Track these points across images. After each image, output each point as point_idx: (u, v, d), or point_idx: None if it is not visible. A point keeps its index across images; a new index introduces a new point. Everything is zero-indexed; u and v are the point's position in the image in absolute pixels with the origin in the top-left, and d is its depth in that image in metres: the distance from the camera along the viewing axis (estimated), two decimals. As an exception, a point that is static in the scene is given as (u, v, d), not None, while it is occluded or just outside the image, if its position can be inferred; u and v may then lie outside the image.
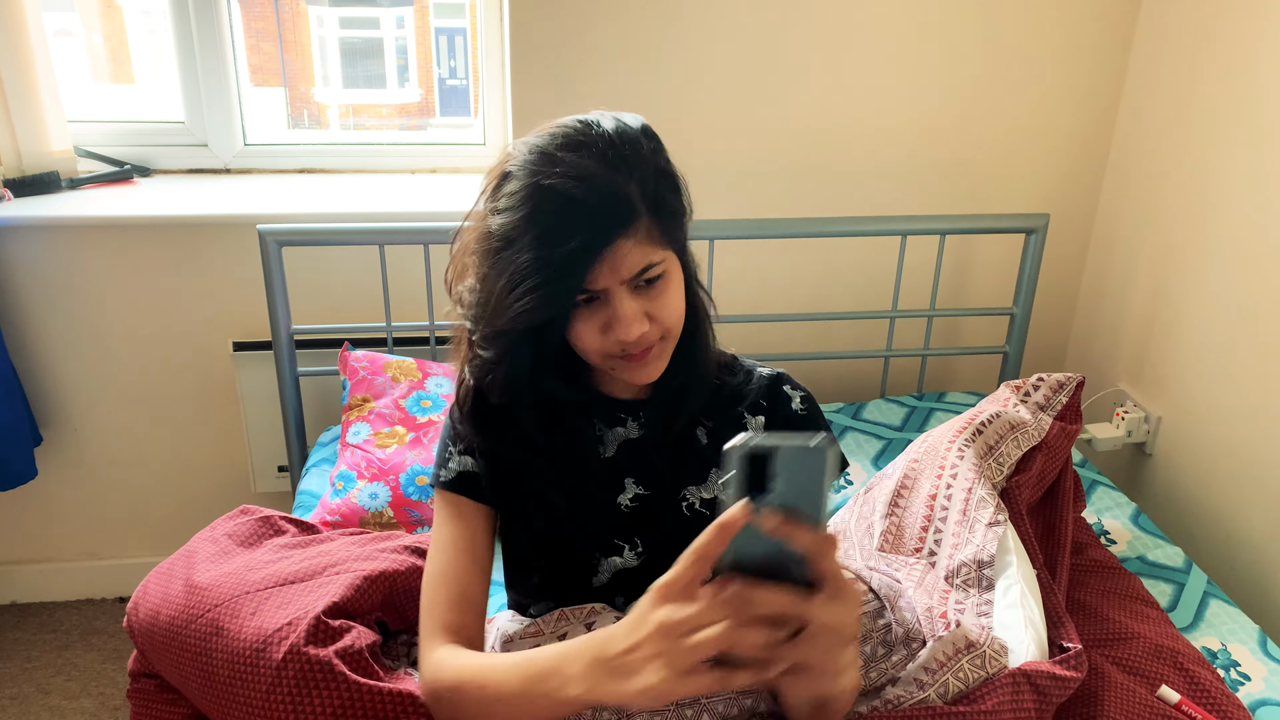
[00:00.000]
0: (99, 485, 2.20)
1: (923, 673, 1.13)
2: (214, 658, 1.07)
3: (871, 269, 2.20)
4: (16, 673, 2.06)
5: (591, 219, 0.90)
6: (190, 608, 1.13)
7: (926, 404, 2.08)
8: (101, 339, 2.07)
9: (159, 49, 2.29)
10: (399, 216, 1.99)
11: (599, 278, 0.93)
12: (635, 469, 1.10)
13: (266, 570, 1.17)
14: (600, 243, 0.91)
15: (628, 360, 1.00)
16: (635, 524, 1.09)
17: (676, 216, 0.98)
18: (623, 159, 0.92)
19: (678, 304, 0.99)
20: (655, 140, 0.97)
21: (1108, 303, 2.22)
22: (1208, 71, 1.89)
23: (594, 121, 0.95)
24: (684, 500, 1.10)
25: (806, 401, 1.17)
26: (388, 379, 1.82)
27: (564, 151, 0.92)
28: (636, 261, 0.93)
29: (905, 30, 2.03)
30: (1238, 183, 1.82)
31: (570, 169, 0.91)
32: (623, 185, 0.91)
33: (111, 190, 2.05)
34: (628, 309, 0.95)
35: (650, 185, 0.94)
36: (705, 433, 1.12)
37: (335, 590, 1.12)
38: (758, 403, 1.14)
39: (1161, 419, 2.04)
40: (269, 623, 1.07)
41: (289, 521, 1.34)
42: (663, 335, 1.00)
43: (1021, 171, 2.19)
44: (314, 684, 1.01)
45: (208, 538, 1.29)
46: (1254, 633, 1.46)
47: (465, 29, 2.35)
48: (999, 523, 1.35)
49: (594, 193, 0.90)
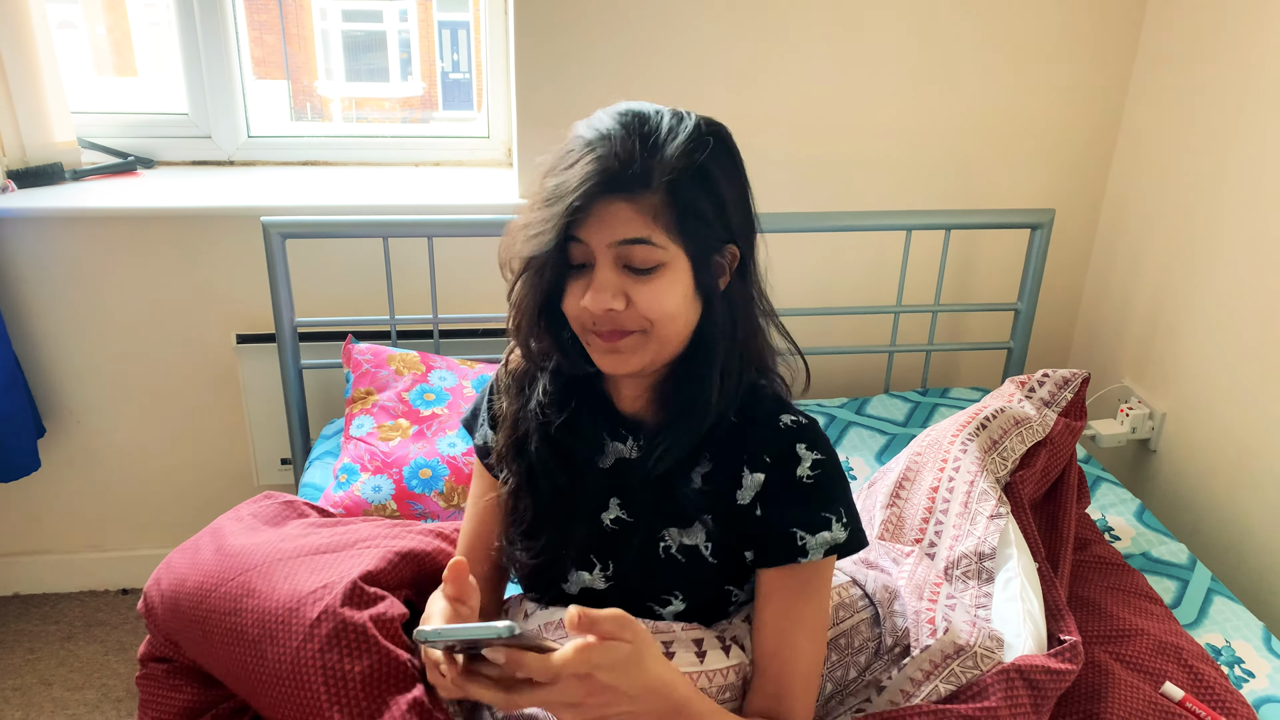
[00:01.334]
0: (102, 477, 2.20)
1: (908, 683, 1.13)
2: (244, 617, 1.07)
3: (876, 264, 2.20)
4: (19, 664, 2.06)
5: (600, 167, 0.91)
6: (222, 571, 1.13)
7: (930, 399, 2.07)
8: (105, 330, 2.07)
9: (161, 41, 2.28)
10: (403, 209, 1.98)
11: (589, 230, 0.93)
12: (622, 491, 1.07)
13: (298, 542, 1.18)
14: (596, 188, 0.91)
15: (599, 338, 0.98)
16: (612, 546, 1.07)
17: (701, 220, 0.95)
18: (663, 136, 0.93)
19: (668, 301, 0.95)
20: (713, 144, 0.96)
21: (1112, 298, 2.22)
22: (1214, 66, 1.88)
23: (659, 109, 0.96)
24: (662, 541, 1.05)
25: (819, 468, 1.02)
26: (391, 372, 1.81)
27: (609, 118, 0.95)
28: (626, 227, 0.92)
29: (911, 24, 2.02)
30: (1244, 178, 1.81)
31: (603, 130, 0.93)
32: (644, 157, 0.92)
33: (115, 182, 2.04)
34: (602, 277, 0.94)
35: (682, 172, 0.92)
36: (701, 475, 1.05)
37: (369, 560, 1.13)
38: (762, 458, 1.03)
39: (1166, 415, 2.04)
40: (304, 585, 1.08)
41: (310, 507, 1.36)
42: (642, 328, 0.96)
43: (1027, 167, 2.18)
44: (346, 645, 1.02)
45: (233, 517, 1.30)
46: (1258, 629, 1.45)
47: (468, 23, 2.34)
48: (1000, 515, 1.35)
49: (612, 148, 0.92)
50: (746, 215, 1.01)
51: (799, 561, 1.00)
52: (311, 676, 1.00)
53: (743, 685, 1.05)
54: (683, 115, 0.96)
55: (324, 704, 0.99)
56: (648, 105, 0.97)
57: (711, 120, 0.98)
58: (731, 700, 1.05)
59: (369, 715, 1.00)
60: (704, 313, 0.99)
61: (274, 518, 1.30)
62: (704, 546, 1.04)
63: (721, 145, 0.97)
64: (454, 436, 1.70)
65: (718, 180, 0.95)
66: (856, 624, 1.18)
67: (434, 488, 1.64)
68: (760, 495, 1.02)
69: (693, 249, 0.95)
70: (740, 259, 1.01)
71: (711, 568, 1.05)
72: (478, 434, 1.17)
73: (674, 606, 1.06)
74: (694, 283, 0.97)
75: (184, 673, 1.16)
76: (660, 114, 0.95)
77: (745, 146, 1.02)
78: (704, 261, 0.97)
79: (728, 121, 1.00)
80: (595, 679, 0.80)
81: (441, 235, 1.87)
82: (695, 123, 0.95)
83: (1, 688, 2.00)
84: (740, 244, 1.00)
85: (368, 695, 1.00)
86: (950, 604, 1.22)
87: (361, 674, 1.01)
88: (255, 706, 1.08)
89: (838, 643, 1.15)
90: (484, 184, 2.14)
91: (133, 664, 2.06)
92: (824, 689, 1.15)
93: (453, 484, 1.64)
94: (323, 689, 1.00)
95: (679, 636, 1.04)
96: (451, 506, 1.64)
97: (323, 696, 1.00)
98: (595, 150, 0.92)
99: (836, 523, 1.01)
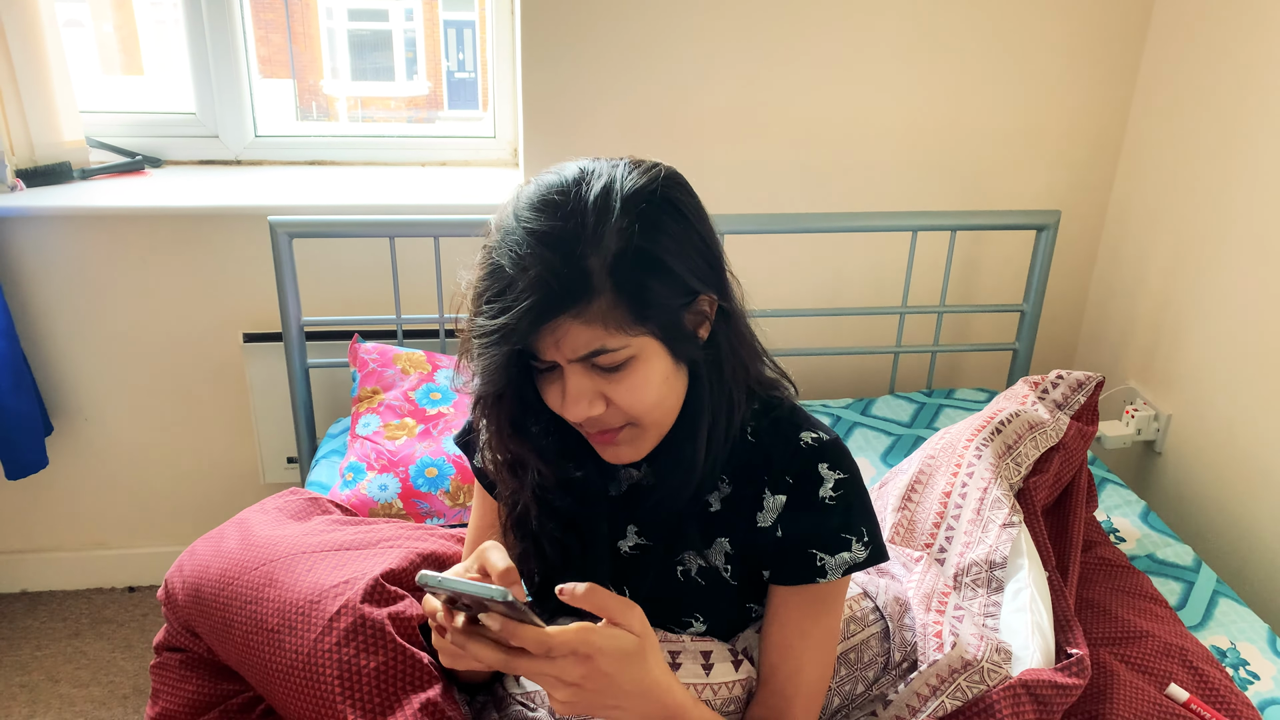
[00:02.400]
0: (109, 475, 2.21)
1: (914, 698, 1.12)
2: (264, 606, 1.08)
3: (881, 265, 2.20)
4: (27, 660, 2.07)
5: (532, 290, 0.82)
6: (246, 560, 1.14)
7: (936, 400, 2.07)
8: (112, 329, 2.07)
9: (168, 40, 2.29)
10: (409, 209, 1.99)
11: (546, 350, 0.86)
12: (639, 517, 1.05)
13: (322, 536, 1.19)
14: (538, 318, 0.83)
15: (591, 437, 0.94)
16: (631, 572, 1.06)
17: (655, 301, 0.86)
18: (590, 229, 0.83)
19: (647, 393, 0.89)
20: (649, 209, 0.85)
21: (1118, 300, 2.22)
22: (1221, 68, 1.88)
23: (584, 177, 0.86)
24: (680, 564, 1.03)
25: (841, 488, 0.99)
26: (397, 371, 1.82)
27: (532, 211, 0.85)
28: (583, 343, 0.85)
29: (918, 27, 2.02)
30: (1251, 181, 1.81)
31: (527, 233, 0.84)
32: (580, 258, 0.82)
33: (123, 181, 2.05)
34: (572, 387, 0.88)
35: (621, 263, 0.83)
36: (720, 498, 1.02)
37: (392, 559, 1.14)
38: (783, 479, 1.00)
39: (1171, 417, 2.04)
40: (326, 579, 1.09)
41: (334, 505, 1.37)
42: (629, 422, 0.92)
43: (1032, 169, 2.18)
44: (363, 640, 1.03)
45: (258, 510, 1.31)
46: (1263, 631, 1.45)
47: (474, 22, 2.35)
48: (1013, 524, 1.34)
49: (540, 262, 0.82)
50: (709, 258, 0.92)
51: (816, 582, 0.99)
52: (327, 670, 1.01)
53: (748, 698, 1.05)
54: (609, 183, 0.85)
55: (337, 698, 1.00)
56: (568, 177, 0.87)
57: (643, 172, 0.88)
58: (736, 714, 1.04)
59: (381, 712, 1.00)
60: (692, 375, 0.95)
61: (299, 513, 1.31)
62: (724, 569, 1.03)
63: (661, 204, 0.87)
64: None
65: (665, 249, 0.86)
66: (867, 639, 1.16)
67: (440, 486, 1.64)
68: (781, 517, 1.00)
69: (658, 329, 0.88)
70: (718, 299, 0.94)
71: (732, 589, 1.03)
72: (476, 456, 1.10)
73: (695, 628, 1.05)
74: (671, 357, 0.90)
75: (197, 664, 1.17)
76: (583, 189, 0.85)
77: (749, 147, 0.99)
78: (675, 332, 0.89)
79: (734, 123, 0.98)
80: (595, 664, 0.79)
81: (447, 235, 1.88)
82: (625, 192, 0.85)
83: (9, 684, 2.01)
84: (711, 289, 0.92)
85: (381, 692, 1.01)
86: (958, 615, 1.21)
87: (376, 670, 1.01)
88: (268, 697, 1.09)
89: (847, 657, 1.14)
90: (490, 184, 2.14)
91: (139, 661, 2.07)
92: (830, 703, 1.13)
93: (459, 483, 1.65)
94: (337, 683, 1.00)
95: (687, 647, 1.03)
96: (457, 505, 1.65)
97: (336, 690, 1.00)
98: (528, 271, 0.82)
99: (857, 543, 0.99)
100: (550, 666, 0.79)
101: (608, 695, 0.82)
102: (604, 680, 0.81)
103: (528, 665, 0.80)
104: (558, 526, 1.03)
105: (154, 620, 2.20)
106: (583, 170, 0.88)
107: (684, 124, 2.02)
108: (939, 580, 1.28)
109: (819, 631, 1.01)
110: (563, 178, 0.87)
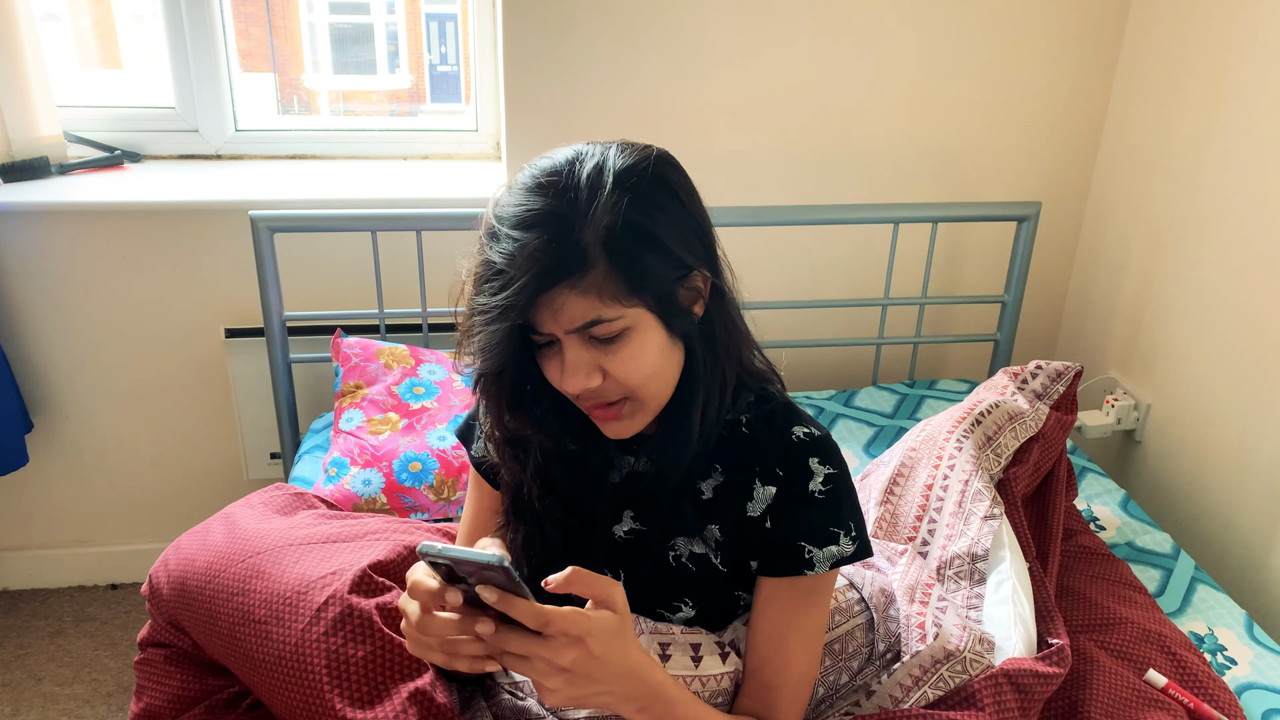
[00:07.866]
0: (90, 472, 2.19)
1: (897, 688, 1.14)
2: (251, 598, 1.08)
3: (863, 257, 2.21)
4: (9, 659, 2.06)
5: (530, 265, 0.86)
6: (232, 553, 1.14)
7: (918, 391, 2.09)
8: (92, 325, 2.06)
9: (146, 34, 2.27)
10: (391, 203, 1.98)
11: (544, 322, 0.89)
12: (635, 503, 1.07)
13: (309, 529, 1.19)
14: (536, 290, 0.86)
15: (591, 412, 0.96)
16: (626, 556, 1.07)
17: (649, 273, 0.89)
18: (583, 205, 0.87)
19: (643, 364, 0.92)
20: (642, 185, 0.88)
21: (1098, 290, 2.23)
22: (1199, 59, 1.89)
23: (577, 158, 0.90)
24: (672, 550, 1.05)
25: (830, 482, 1.01)
26: (380, 366, 1.82)
27: (527, 193, 0.88)
28: (579, 313, 0.88)
29: (898, 18, 2.03)
30: (1229, 171, 1.83)
31: (522, 212, 0.87)
32: (575, 232, 0.86)
33: (102, 176, 2.03)
34: (570, 359, 0.90)
35: (614, 235, 0.86)
36: (713, 486, 1.05)
37: (380, 551, 1.14)
38: (774, 471, 1.02)
39: (1151, 406, 2.05)
40: (313, 571, 1.09)
41: (320, 500, 1.37)
42: (626, 395, 0.94)
43: (1013, 159, 2.19)
44: (351, 630, 1.03)
45: (244, 504, 1.31)
46: (1240, 617, 1.47)
47: (456, 15, 2.34)
48: (995, 516, 1.36)
49: (536, 238, 0.86)
50: (702, 237, 0.95)
51: (804, 574, 1.00)
52: (315, 659, 1.01)
53: (735, 691, 1.05)
54: (601, 162, 0.89)
55: (324, 687, 1.00)
56: (560, 159, 0.90)
57: (634, 152, 0.91)
58: (724, 706, 1.04)
59: (369, 700, 1.00)
60: (687, 350, 0.97)
61: (285, 507, 1.32)
62: (714, 555, 1.04)
63: (652, 181, 0.90)
64: (444, 430, 1.71)
65: (657, 224, 0.89)
66: (852, 629, 1.18)
67: (424, 481, 1.64)
68: (771, 508, 1.02)
69: (653, 302, 0.90)
70: (711, 277, 0.97)
71: (722, 575, 1.05)
72: (475, 445, 1.13)
73: (684, 613, 1.06)
74: (666, 330, 0.93)
75: (182, 659, 1.17)
76: (577, 169, 0.88)
77: (732, 140, 1.00)
78: (670, 306, 0.92)
79: (717, 115, 0.98)
80: (587, 646, 0.80)
81: (430, 229, 1.87)
82: (617, 169, 0.88)
83: (-9, 683, 2.00)
84: (705, 266, 0.95)
85: (369, 681, 1.01)
86: (941, 606, 1.23)
87: (364, 659, 1.01)
88: (255, 689, 1.09)
89: (832, 648, 1.15)
90: (472, 177, 2.14)
91: (123, 659, 2.06)
92: (815, 692, 1.14)
93: (443, 477, 1.65)
94: (324, 672, 1.00)
95: (677, 640, 1.04)
96: (441, 500, 1.65)
97: (324, 679, 1.00)
98: (525, 249, 0.86)
99: (845, 537, 1.01)
100: (543, 647, 0.79)
101: (596, 679, 0.82)
102: (594, 664, 0.81)
103: (520, 645, 0.80)
104: (559, 506, 1.05)
105: (137, 617, 2.19)
106: (576, 152, 0.91)
107: (665, 117, 2.02)
108: (923, 572, 1.29)
109: (806, 624, 1.02)
110: (556, 160, 0.91)
